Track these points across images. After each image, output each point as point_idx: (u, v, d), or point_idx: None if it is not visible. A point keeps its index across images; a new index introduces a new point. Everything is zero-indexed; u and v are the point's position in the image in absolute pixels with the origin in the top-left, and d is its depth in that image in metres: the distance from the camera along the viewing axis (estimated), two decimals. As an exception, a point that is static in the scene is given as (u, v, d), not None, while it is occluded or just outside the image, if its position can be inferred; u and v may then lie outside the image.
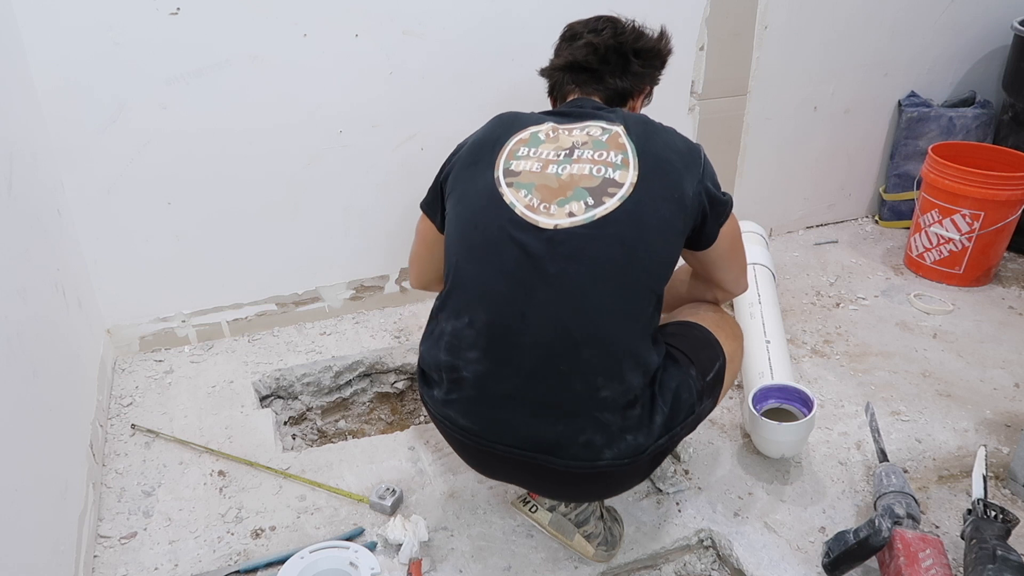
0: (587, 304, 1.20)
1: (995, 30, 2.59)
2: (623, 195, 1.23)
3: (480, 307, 1.25)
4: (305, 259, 2.12)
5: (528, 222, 1.22)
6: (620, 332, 1.22)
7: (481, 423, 1.27)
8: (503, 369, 1.23)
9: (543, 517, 1.45)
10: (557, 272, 1.20)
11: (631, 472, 1.28)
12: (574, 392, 1.21)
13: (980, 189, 2.20)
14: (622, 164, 1.26)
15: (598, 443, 1.22)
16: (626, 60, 1.46)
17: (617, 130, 1.31)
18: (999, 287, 2.36)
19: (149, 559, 1.45)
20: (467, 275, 1.27)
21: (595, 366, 1.20)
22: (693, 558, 1.53)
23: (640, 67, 1.47)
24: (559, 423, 1.22)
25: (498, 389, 1.24)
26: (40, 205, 1.60)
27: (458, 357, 1.26)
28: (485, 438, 1.27)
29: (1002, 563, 1.26)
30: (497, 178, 1.28)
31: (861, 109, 2.57)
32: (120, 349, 2.04)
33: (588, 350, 1.20)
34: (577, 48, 1.46)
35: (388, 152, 2.05)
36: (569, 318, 1.20)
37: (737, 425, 1.77)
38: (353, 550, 1.38)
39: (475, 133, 1.41)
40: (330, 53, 1.88)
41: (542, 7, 2.01)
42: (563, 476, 1.26)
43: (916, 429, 1.77)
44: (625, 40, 1.46)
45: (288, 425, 1.98)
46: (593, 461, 1.23)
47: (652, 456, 1.27)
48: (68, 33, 1.66)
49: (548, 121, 1.36)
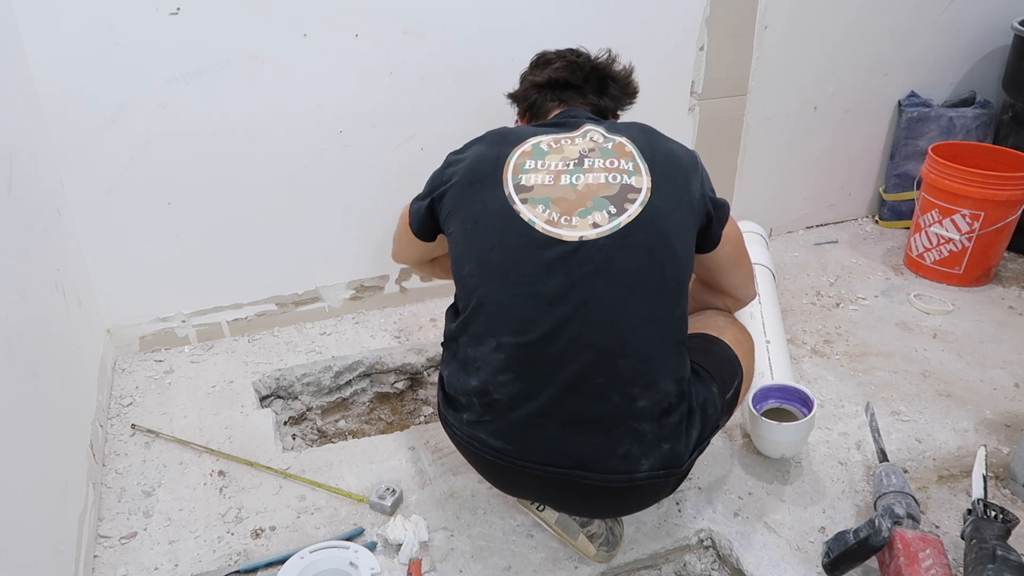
0: (620, 316, 1.19)
1: (995, 30, 2.59)
2: (643, 200, 1.23)
3: (508, 330, 1.22)
4: (305, 259, 2.12)
5: (551, 237, 1.20)
6: (653, 340, 1.21)
7: (515, 442, 1.24)
8: (537, 388, 1.21)
9: (550, 516, 1.45)
10: (587, 286, 1.18)
11: (663, 486, 1.28)
12: (612, 404, 1.20)
13: (980, 189, 2.20)
14: (635, 171, 1.26)
15: (635, 453, 1.21)
16: (604, 82, 1.51)
17: (620, 140, 1.31)
18: (999, 287, 2.36)
19: (149, 559, 1.45)
20: (490, 300, 1.24)
21: (631, 377, 1.19)
22: (693, 558, 1.53)
23: (616, 91, 1.52)
24: (596, 436, 1.20)
25: (532, 408, 1.21)
26: (40, 205, 1.60)
27: (488, 382, 1.23)
28: (519, 458, 1.24)
29: (1002, 563, 1.26)
30: (509, 195, 1.25)
31: (861, 109, 2.57)
32: (120, 349, 2.04)
33: (624, 361, 1.19)
34: (556, 68, 1.50)
35: (388, 152, 2.05)
36: (603, 332, 1.18)
37: (737, 425, 1.77)
38: (353, 550, 1.38)
39: (466, 151, 1.36)
40: (330, 53, 1.88)
41: (542, 7, 2.02)
42: (599, 492, 1.24)
43: (916, 429, 1.77)
44: (600, 64, 1.51)
45: (288, 425, 1.98)
46: (631, 473, 1.21)
47: (684, 469, 1.27)
48: (68, 33, 1.66)
49: (545, 133, 1.34)
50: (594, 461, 1.21)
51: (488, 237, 1.26)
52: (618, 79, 1.53)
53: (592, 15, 2.07)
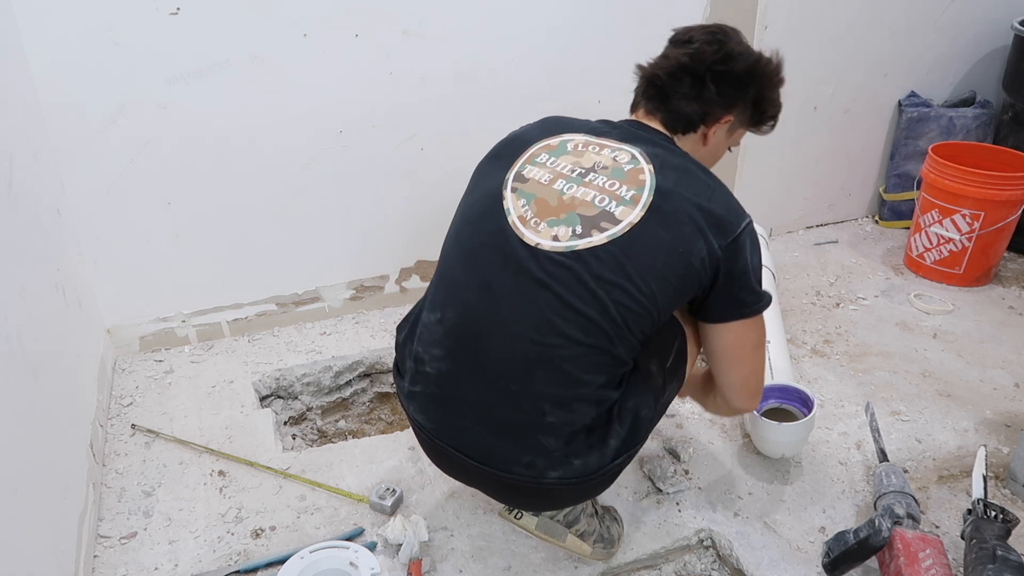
0: (548, 332, 1.17)
1: (995, 30, 2.59)
2: (614, 233, 1.17)
3: (452, 308, 1.24)
4: (305, 259, 2.12)
5: (515, 233, 1.20)
6: (576, 367, 1.17)
7: (435, 421, 1.27)
8: (463, 374, 1.22)
9: (529, 523, 1.44)
10: (527, 293, 1.17)
11: (585, 490, 1.28)
12: (522, 412, 1.19)
13: (980, 189, 2.20)
14: (630, 201, 1.19)
15: (540, 465, 1.21)
16: (700, 82, 1.29)
17: (645, 167, 1.22)
18: (999, 287, 2.36)
19: (149, 559, 1.45)
20: (450, 272, 1.27)
21: (545, 393, 1.18)
22: (693, 558, 1.53)
23: (715, 93, 1.29)
24: (504, 439, 1.21)
25: (455, 392, 1.24)
26: (40, 205, 1.60)
27: (425, 352, 1.26)
28: (438, 437, 1.28)
29: (1002, 563, 1.26)
30: (506, 180, 1.26)
31: (861, 109, 2.56)
32: (120, 349, 2.04)
33: (541, 374, 1.18)
34: (659, 59, 1.34)
35: (388, 152, 2.05)
36: (528, 340, 1.17)
37: (737, 425, 1.77)
38: (353, 550, 1.38)
39: (524, 127, 1.36)
40: (330, 53, 1.88)
41: (543, 7, 2.01)
42: (510, 487, 1.26)
43: (916, 429, 1.77)
44: (704, 59, 1.28)
45: (288, 425, 1.98)
46: (537, 479, 1.22)
47: (606, 475, 1.26)
48: (68, 34, 1.66)
49: (585, 133, 1.30)
50: (502, 461, 1.22)
51: (472, 213, 1.28)
52: (722, 77, 1.29)
53: (592, 15, 2.07)
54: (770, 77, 1.34)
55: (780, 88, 1.37)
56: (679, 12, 2.15)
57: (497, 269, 1.20)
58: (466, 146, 2.09)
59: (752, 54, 1.32)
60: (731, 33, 1.33)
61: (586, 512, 1.42)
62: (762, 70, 1.32)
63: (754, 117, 1.38)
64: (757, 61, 1.32)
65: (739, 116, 1.35)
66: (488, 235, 1.23)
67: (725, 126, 1.35)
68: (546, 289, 1.16)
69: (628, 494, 1.59)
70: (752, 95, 1.33)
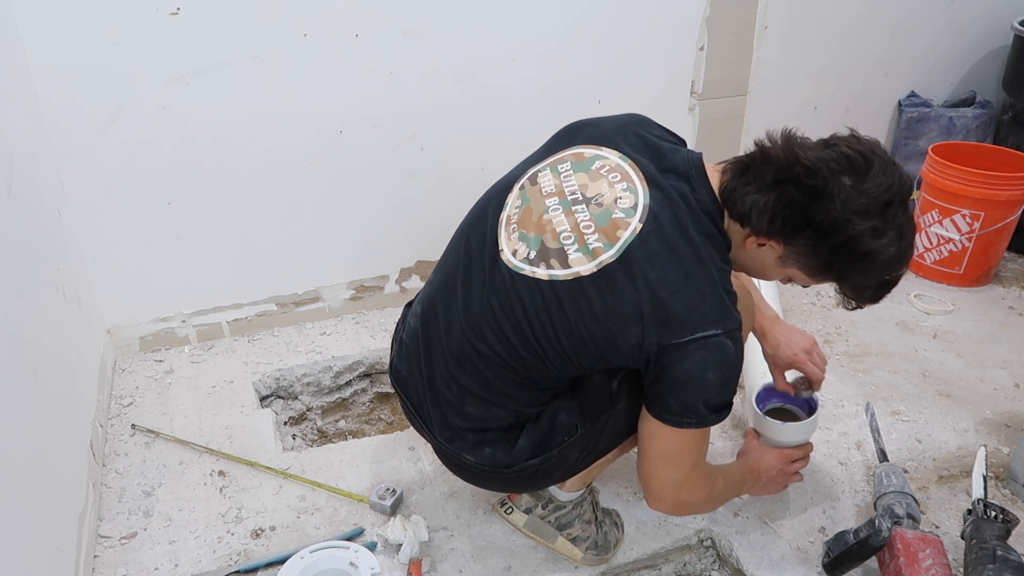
0: (479, 337, 1.20)
1: (995, 30, 2.59)
2: (555, 275, 1.12)
3: (440, 271, 1.31)
4: (305, 259, 2.12)
5: (495, 236, 1.21)
6: (497, 378, 1.22)
7: (403, 377, 1.35)
8: (426, 337, 1.29)
9: (518, 519, 1.45)
10: (481, 291, 1.20)
11: (507, 481, 1.32)
12: (452, 393, 1.26)
13: (980, 189, 2.20)
14: (590, 252, 1.10)
15: (457, 447, 1.29)
16: (771, 186, 1.08)
17: (633, 224, 1.10)
18: (999, 287, 2.36)
19: (149, 559, 1.45)
20: (449, 256, 1.31)
21: (469, 387, 1.24)
22: (693, 558, 1.53)
23: (775, 209, 1.08)
24: (437, 410, 1.29)
25: (417, 351, 1.31)
26: (40, 205, 1.60)
27: (417, 305, 1.35)
28: (403, 390, 1.36)
29: (1002, 563, 1.26)
30: (525, 172, 1.25)
31: (861, 109, 2.57)
32: (120, 349, 2.04)
33: (470, 369, 1.22)
34: (769, 145, 1.13)
35: (388, 152, 2.05)
36: (467, 335, 1.21)
37: (737, 425, 1.77)
38: (353, 550, 1.38)
39: (596, 117, 1.28)
40: (330, 53, 1.88)
41: (543, 7, 2.01)
42: (446, 458, 1.35)
43: (916, 429, 1.77)
44: (795, 170, 1.06)
45: (288, 425, 1.98)
46: (457, 457, 1.30)
47: (526, 474, 1.28)
48: (68, 34, 1.66)
49: (625, 156, 1.16)
50: (437, 428, 1.30)
51: (493, 189, 1.29)
52: (797, 210, 1.05)
53: (592, 15, 2.07)
54: (870, 261, 1.06)
55: (882, 286, 1.13)
56: (679, 12, 2.15)
57: (475, 254, 1.23)
58: (466, 146, 2.11)
59: (861, 220, 1.03)
60: (865, 169, 1.06)
61: (582, 518, 1.42)
62: (862, 246, 1.05)
63: (819, 277, 1.14)
64: (864, 233, 1.04)
65: (796, 258, 1.13)
66: (484, 218, 1.25)
67: (772, 251, 1.14)
68: (492, 297, 1.19)
69: (628, 494, 1.58)
70: (826, 255, 1.09)
